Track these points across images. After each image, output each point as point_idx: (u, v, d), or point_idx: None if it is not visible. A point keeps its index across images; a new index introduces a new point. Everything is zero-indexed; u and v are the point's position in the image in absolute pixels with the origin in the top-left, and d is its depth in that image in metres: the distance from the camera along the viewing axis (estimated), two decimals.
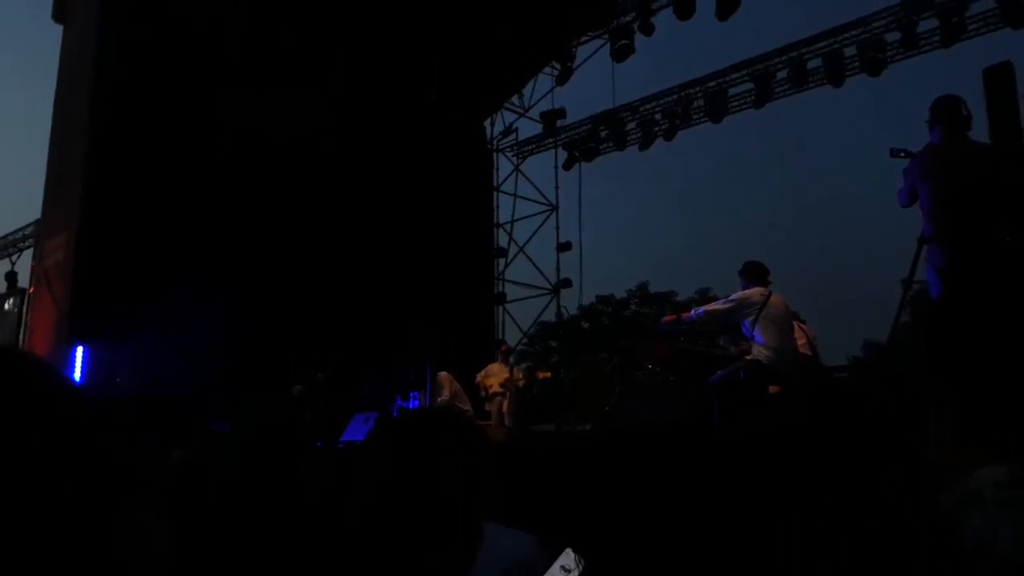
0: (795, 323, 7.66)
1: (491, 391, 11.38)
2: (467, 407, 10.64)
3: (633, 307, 27.55)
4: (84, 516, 0.81)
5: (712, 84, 14.75)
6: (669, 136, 15.48)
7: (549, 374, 12.07)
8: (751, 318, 6.82)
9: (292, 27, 12.99)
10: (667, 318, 7.58)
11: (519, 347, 16.56)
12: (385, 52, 14.03)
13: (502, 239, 17.96)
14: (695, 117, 15.16)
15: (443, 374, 10.57)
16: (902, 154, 5.11)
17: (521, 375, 11.55)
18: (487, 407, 11.46)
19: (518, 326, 17.75)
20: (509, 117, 18.11)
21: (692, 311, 7.34)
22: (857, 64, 13.19)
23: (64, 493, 0.87)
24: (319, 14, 13.28)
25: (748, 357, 6.87)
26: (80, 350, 10.67)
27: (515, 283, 17.98)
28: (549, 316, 18.51)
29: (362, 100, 14.06)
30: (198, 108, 12.24)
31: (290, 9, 12.97)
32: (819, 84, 13.78)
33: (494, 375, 11.53)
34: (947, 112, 4.95)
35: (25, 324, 13.48)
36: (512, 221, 18.04)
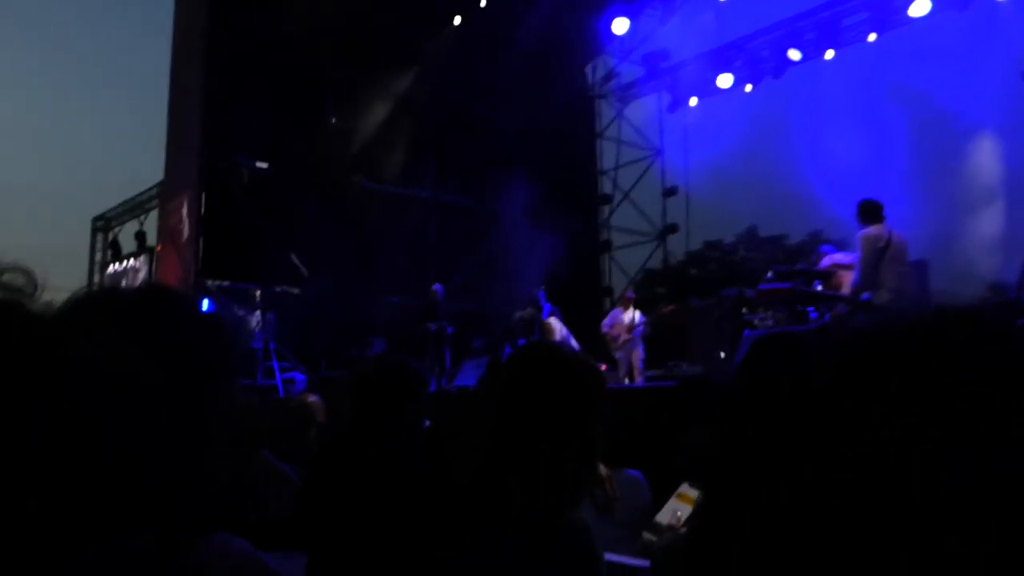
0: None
1: (620, 339, 11.34)
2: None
3: (742, 252, 26.90)
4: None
5: (824, 14, 14.05)
6: (778, 73, 14.90)
7: (673, 306, 11.83)
8: (876, 259, 6.60)
9: None
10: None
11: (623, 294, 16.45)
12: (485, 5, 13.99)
13: (606, 186, 17.78)
14: (806, 51, 14.50)
15: (552, 320, 10.66)
16: None
17: (645, 321, 11.43)
18: (616, 355, 11.44)
19: (624, 273, 17.61)
20: (611, 62, 17.79)
21: (848, 283, 7.18)
22: None
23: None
24: None
25: (864, 298, 6.67)
26: (205, 304, 11.21)
27: (620, 230, 17.82)
28: (655, 263, 18.31)
29: (463, 51, 14.07)
30: (309, 75, 12.54)
31: None
32: (942, 11, 12.91)
33: (620, 323, 11.49)
34: None
35: (153, 281, 14.25)
36: (616, 168, 17.81)
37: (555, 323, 10.65)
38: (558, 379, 1.66)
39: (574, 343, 10.52)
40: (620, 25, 15.47)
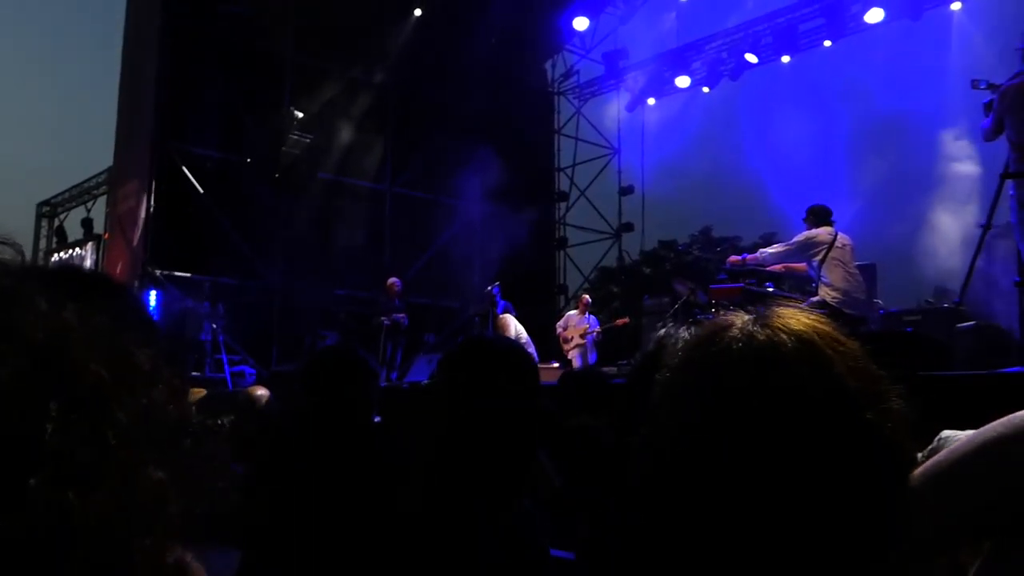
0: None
1: (573, 343, 11.46)
2: (530, 350, 10.70)
3: (695, 252, 27.15)
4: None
5: (781, 20, 14.24)
6: (735, 75, 15.06)
7: (628, 319, 12.02)
8: (818, 258, 6.68)
9: None
10: (733, 258, 7.49)
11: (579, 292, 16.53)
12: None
13: (563, 183, 17.84)
14: (763, 55, 14.68)
15: (506, 316, 10.65)
16: (985, 85, 4.87)
17: (598, 329, 11.59)
18: (568, 355, 11.55)
19: (579, 271, 17.69)
20: (571, 59, 17.84)
21: (759, 252, 7.23)
22: None
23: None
24: None
25: (815, 299, 6.75)
26: (153, 294, 11.00)
27: (576, 227, 17.89)
28: (610, 261, 18.41)
29: (423, 43, 13.98)
30: (267, 62, 12.37)
31: None
32: (896, 19, 13.14)
33: (573, 326, 11.60)
34: None
35: (101, 269, 13.94)
36: (574, 165, 17.87)
37: (509, 320, 10.64)
38: (493, 367, 1.71)
39: (528, 340, 10.55)
40: (581, 23, 15.52)
